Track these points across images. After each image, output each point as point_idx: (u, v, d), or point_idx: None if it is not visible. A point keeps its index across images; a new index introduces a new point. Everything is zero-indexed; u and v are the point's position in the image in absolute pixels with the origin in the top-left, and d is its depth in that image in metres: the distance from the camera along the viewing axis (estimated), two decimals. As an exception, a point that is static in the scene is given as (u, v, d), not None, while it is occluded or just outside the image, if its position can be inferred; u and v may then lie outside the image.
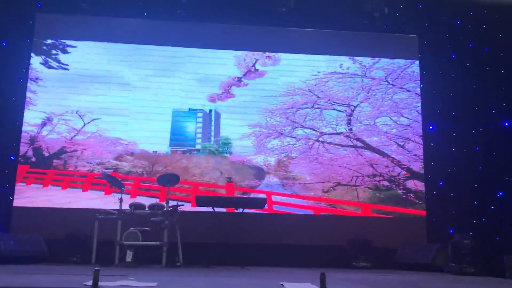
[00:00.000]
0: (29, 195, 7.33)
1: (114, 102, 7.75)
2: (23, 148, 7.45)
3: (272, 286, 3.64)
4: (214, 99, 7.92)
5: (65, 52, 7.84)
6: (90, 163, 7.53)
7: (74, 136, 7.61)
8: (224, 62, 8.01)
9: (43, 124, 7.58)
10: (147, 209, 6.47)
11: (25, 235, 6.48)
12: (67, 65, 7.80)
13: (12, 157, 7.48)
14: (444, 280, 4.94)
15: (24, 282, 3.68)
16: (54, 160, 7.50)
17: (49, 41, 7.84)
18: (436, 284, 4.33)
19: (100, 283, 3.28)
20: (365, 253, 6.96)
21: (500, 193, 7.84)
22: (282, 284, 3.60)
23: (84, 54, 7.85)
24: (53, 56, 7.81)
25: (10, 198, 7.30)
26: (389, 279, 4.87)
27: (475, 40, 8.15)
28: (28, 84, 7.65)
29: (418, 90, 8.16)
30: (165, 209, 6.32)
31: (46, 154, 7.51)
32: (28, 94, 7.62)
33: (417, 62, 8.25)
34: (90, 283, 3.28)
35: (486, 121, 8.10)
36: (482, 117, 8.08)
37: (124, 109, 7.75)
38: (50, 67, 7.77)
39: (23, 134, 7.49)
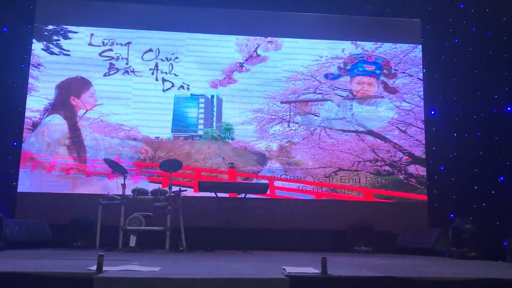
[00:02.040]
0: (33, 181, 7.38)
1: (116, 88, 7.76)
2: (26, 134, 7.49)
3: (274, 269, 3.69)
4: (216, 85, 7.91)
5: (66, 37, 7.83)
6: (93, 149, 7.56)
7: (77, 122, 7.63)
8: (226, 47, 8.00)
9: (46, 110, 7.60)
10: (149, 194, 6.52)
11: (29, 220, 6.55)
12: (68, 50, 7.79)
13: (15, 143, 7.52)
14: (445, 264, 4.99)
15: (29, 266, 3.73)
16: (57, 146, 7.53)
17: (50, 27, 7.82)
18: (437, 268, 4.38)
19: (104, 268, 3.33)
20: (367, 237, 7.04)
21: (501, 178, 7.86)
22: (284, 268, 3.64)
23: (85, 40, 7.83)
24: (55, 42, 7.79)
25: (14, 184, 7.36)
26: (390, 263, 4.92)
27: (478, 24, 8.10)
28: (30, 70, 7.66)
29: (421, 75, 8.14)
30: (167, 194, 6.37)
31: (49, 141, 7.53)
32: (30, 80, 7.63)
33: (420, 46, 8.21)
34: (94, 268, 3.33)
35: (488, 106, 8.09)
36: (484, 102, 8.06)
37: (126, 94, 7.75)
38: (51, 53, 7.77)
39: (25, 120, 7.51)
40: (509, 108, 8.07)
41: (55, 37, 7.79)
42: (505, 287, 3.38)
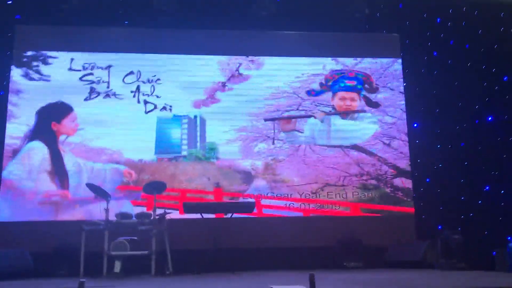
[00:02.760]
0: (14, 210, 7.20)
1: (97, 111, 7.68)
2: (6, 162, 7.33)
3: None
4: (199, 105, 7.88)
5: (46, 63, 7.76)
6: (75, 174, 7.43)
7: (58, 147, 7.50)
8: (208, 67, 8.00)
9: (26, 137, 7.47)
10: (134, 218, 6.39)
11: (9, 250, 6.35)
12: (48, 76, 7.71)
13: (-5, 172, 7.36)
14: (435, 276, 4.94)
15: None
16: (39, 173, 7.37)
17: (29, 53, 7.75)
18: (427, 280, 4.33)
19: (86, 294, 3.22)
20: (356, 252, 6.97)
21: (487, 187, 7.91)
22: (272, 287, 3.56)
23: (66, 65, 7.77)
24: (34, 68, 7.72)
25: (-6, 213, 7.17)
26: (379, 278, 4.85)
27: (455, 37, 8.25)
28: (9, 97, 7.55)
29: (402, 88, 8.21)
30: (152, 217, 6.25)
31: (30, 167, 7.38)
32: (10, 107, 7.52)
33: (400, 60, 8.30)
34: (76, 294, 3.22)
35: (470, 117, 8.19)
36: (465, 113, 8.16)
37: (108, 118, 7.67)
38: (31, 79, 7.68)
39: (5, 147, 7.37)
40: (490, 118, 8.17)
41: (34, 63, 7.72)
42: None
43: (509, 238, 7.14)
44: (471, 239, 6.79)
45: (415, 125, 8.16)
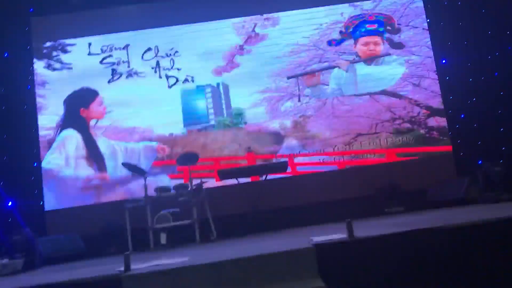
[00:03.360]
0: (59, 198, 7.47)
1: (122, 92, 7.77)
2: (43, 153, 7.57)
3: (301, 241, 3.62)
4: (219, 72, 7.83)
5: (65, 51, 7.86)
6: (111, 156, 7.60)
7: (90, 132, 7.67)
8: (224, 33, 7.90)
9: (58, 126, 7.66)
10: (172, 190, 6.52)
11: (61, 235, 6.63)
12: (70, 64, 7.82)
13: (35, 164, 7.62)
14: (477, 210, 4.84)
15: (61, 277, 3.76)
16: (76, 160, 7.59)
17: (48, 44, 7.85)
18: (469, 215, 4.24)
19: (133, 267, 3.33)
20: (396, 197, 6.90)
21: (526, 115, 7.61)
22: (311, 238, 3.58)
23: (84, 50, 7.84)
24: (55, 58, 7.83)
25: (41, 203, 7.47)
26: (420, 218, 4.80)
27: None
28: (36, 90, 7.72)
29: (425, 25, 7.89)
30: (189, 188, 6.36)
31: (67, 155, 7.60)
32: (38, 99, 7.70)
33: (420, -4, 7.95)
34: (122, 268, 3.33)
35: (501, 45, 7.81)
36: (496, 41, 7.78)
37: (133, 97, 7.75)
38: (54, 69, 7.81)
39: (40, 139, 7.60)
40: (523, 43, 7.77)
41: (54, 53, 7.83)
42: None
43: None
44: (514, 170, 6.60)
45: (444, 61, 7.86)
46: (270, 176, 6.97)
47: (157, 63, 7.83)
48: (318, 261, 3.07)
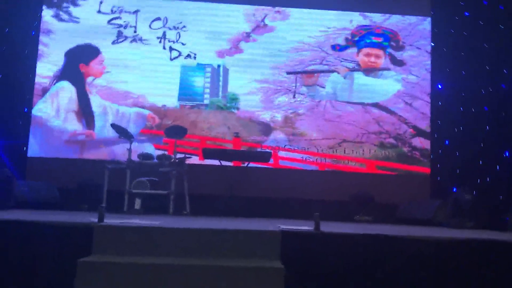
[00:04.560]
0: (43, 146, 7.56)
1: (124, 55, 7.84)
2: (35, 100, 7.63)
3: (271, 227, 3.79)
4: (222, 54, 7.95)
5: (76, 4, 7.90)
6: (101, 115, 7.70)
7: (85, 89, 7.74)
8: (233, 17, 8.00)
9: (55, 77, 7.72)
10: (155, 159, 6.64)
11: (39, 182, 6.73)
12: (78, 18, 7.87)
13: (25, 109, 7.68)
14: (440, 231, 5.05)
15: (35, 217, 3.88)
16: (66, 112, 7.66)
17: (59, -7, 7.89)
18: (431, 233, 4.45)
19: (106, 220, 3.47)
20: (367, 207, 7.11)
21: (506, 153, 7.85)
22: (279, 226, 3.75)
23: (95, 7, 7.89)
24: (64, 9, 7.87)
25: (25, 148, 7.55)
26: (385, 227, 5.00)
27: (489, -4, 7.98)
28: (40, 37, 7.76)
29: (429, 48, 8.09)
30: (172, 160, 6.49)
31: (58, 106, 7.66)
32: (40, 47, 7.75)
33: (429, 19, 8.14)
34: (96, 219, 3.47)
35: (496, 81, 8.02)
36: (492, 76, 7.99)
37: (134, 62, 7.84)
38: (61, 20, 7.86)
39: (35, 86, 7.65)
40: (517, 84, 8.00)
41: (64, 4, 7.87)
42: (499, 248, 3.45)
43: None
44: (485, 203, 6.84)
45: (439, 86, 8.07)
46: (252, 164, 7.13)
47: (164, 34, 7.92)
48: (281, 246, 3.24)
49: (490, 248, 3.45)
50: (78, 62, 7.79)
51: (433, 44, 8.11)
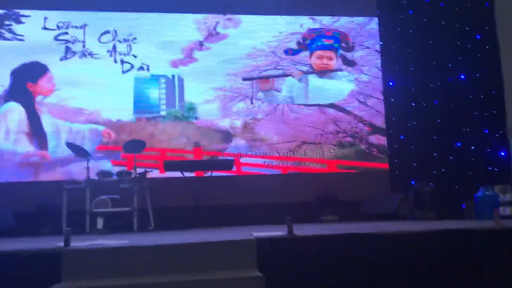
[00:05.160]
0: (-7, 171, 7.19)
1: (74, 71, 7.59)
2: (-18, 123, 7.26)
3: (243, 236, 3.76)
4: (176, 64, 7.86)
5: (18, 22, 7.58)
6: (54, 135, 7.41)
7: (35, 108, 7.43)
8: (185, 26, 7.93)
9: (1, 98, 7.37)
10: (114, 176, 6.46)
11: (-11, 210, 6.39)
12: (22, 35, 7.55)
13: (-29, 134, 7.28)
14: (407, 224, 5.19)
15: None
16: (17, 134, 7.32)
17: (0, 11, 7.54)
18: (396, 227, 4.56)
19: (72, 244, 3.33)
20: (332, 206, 7.21)
21: (458, 144, 8.19)
22: (252, 234, 3.73)
23: (39, 24, 7.61)
24: (6, 27, 7.54)
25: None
26: (354, 226, 5.08)
27: (430, -5, 8.33)
28: (-18, 58, 7.40)
29: (378, 47, 8.32)
30: (133, 175, 6.33)
31: (8, 129, 7.32)
32: (-17, 67, 7.38)
33: (376, 19, 8.38)
34: (62, 244, 3.32)
35: (443, 75, 8.37)
36: (439, 71, 8.33)
37: (85, 78, 7.60)
38: (4, 38, 7.52)
39: (-20, 109, 7.28)
40: (462, 76, 8.37)
41: (6, 22, 7.53)
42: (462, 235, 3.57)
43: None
44: (442, 192, 7.10)
45: (391, 83, 8.32)
46: (215, 173, 7.07)
47: (114, 47, 7.74)
48: (257, 253, 3.21)
49: (456, 236, 3.57)
50: (25, 81, 7.47)
51: (381, 43, 8.36)
